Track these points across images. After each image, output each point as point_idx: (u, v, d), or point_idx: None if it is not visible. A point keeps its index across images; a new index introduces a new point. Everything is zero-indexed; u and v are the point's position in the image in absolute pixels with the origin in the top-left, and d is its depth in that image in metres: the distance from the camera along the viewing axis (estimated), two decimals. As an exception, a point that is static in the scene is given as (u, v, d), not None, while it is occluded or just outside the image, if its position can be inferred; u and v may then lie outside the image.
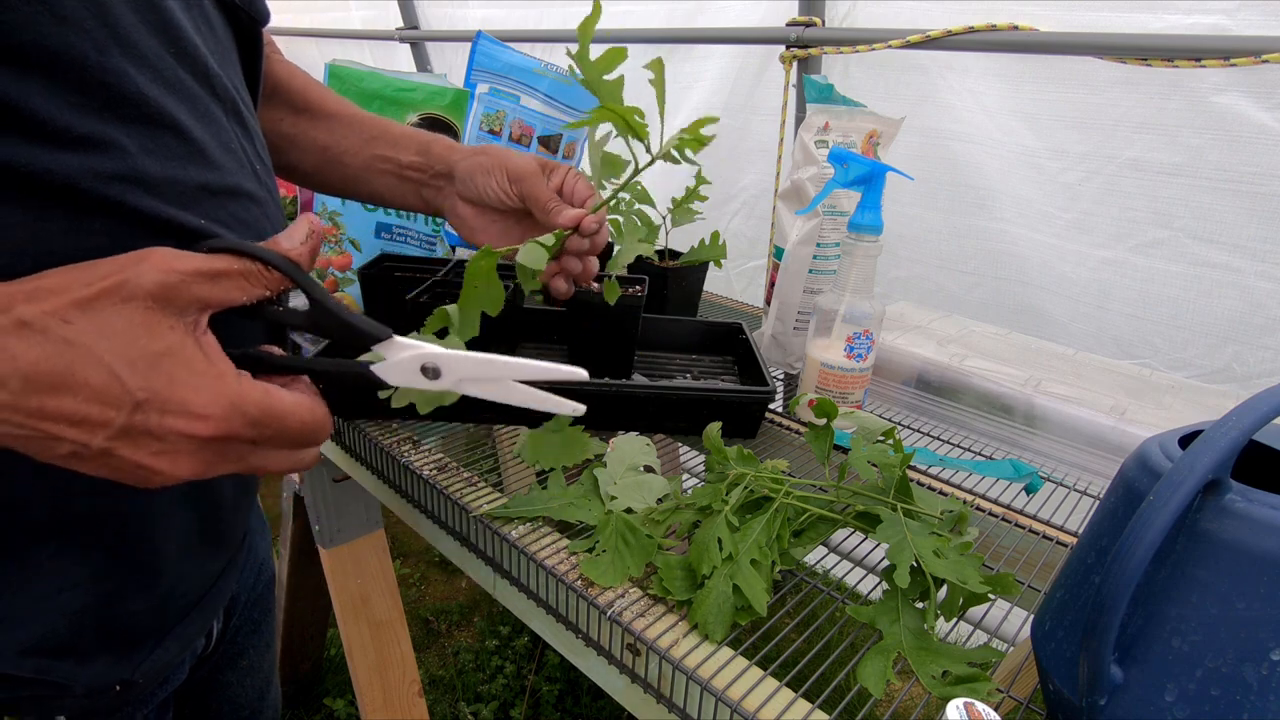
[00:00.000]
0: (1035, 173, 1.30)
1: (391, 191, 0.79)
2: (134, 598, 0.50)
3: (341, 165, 0.76)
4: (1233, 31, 1.03)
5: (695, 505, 0.71)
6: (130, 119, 0.42)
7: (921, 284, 1.55)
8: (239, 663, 0.74)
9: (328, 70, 1.11)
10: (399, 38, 2.58)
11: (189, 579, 0.55)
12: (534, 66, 1.30)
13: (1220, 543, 0.40)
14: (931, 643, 0.57)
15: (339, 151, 0.76)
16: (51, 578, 0.46)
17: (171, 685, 0.58)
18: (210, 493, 0.54)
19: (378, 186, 0.78)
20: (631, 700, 0.62)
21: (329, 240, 1.17)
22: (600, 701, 1.80)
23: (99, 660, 0.50)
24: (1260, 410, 0.40)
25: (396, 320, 0.62)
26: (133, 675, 0.52)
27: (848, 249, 0.91)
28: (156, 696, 0.57)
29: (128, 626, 0.51)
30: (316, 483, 1.31)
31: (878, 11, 1.39)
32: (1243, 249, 1.12)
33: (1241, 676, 0.39)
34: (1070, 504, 0.83)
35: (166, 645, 0.55)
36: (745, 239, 1.81)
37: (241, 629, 0.73)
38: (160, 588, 0.52)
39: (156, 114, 0.44)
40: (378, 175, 0.77)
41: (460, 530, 0.77)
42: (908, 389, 1.05)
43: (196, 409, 0.37)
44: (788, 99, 1.45)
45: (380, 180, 0.78)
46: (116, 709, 0.53)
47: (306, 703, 1.77)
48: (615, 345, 0.96)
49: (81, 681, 0.49)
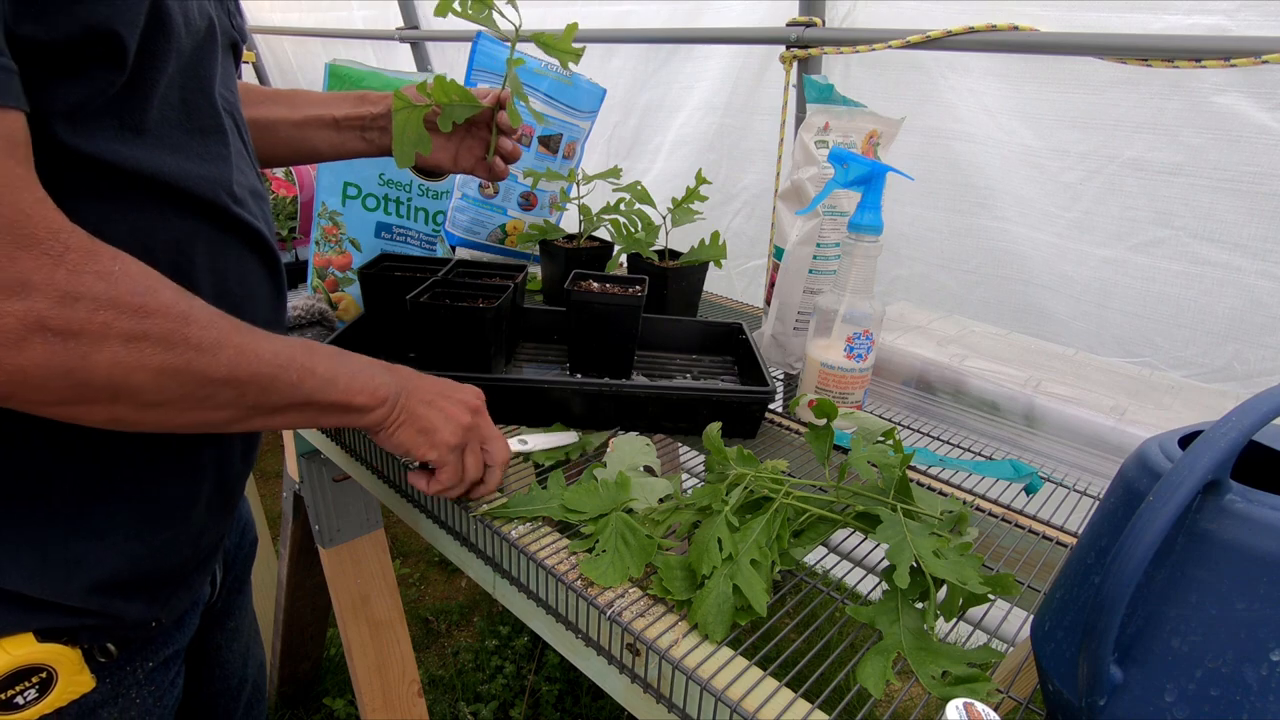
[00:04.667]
0: (1036, 172, 1.30)
1: (329, 143, 0.90)
2: (176, 549, 0.62)
3: (275, 132, 0.85)
4: (1233, 32, 1.03)
5: (695, 505, 0.71)
6: (209, 130, 0.56)
7: (923, 283, 1.55)
8: (226, 624, 0.83)
9: (328, 70, 1.11)
10: (399, 37, 2.58)
11: (208, 535, 0.67)
12: (534, 66, 1.30)
13: (1220, 543, 0.40)
14: (931, 643, 0.57)
15: (271, 121, 0.85)
16: (121, 528, 0.57)
17: (187, 633, 0.69)
18: (227, 469, 0.66)
19: (315, 142, 0.89)
20: (631, 700, 0.62)
21: (329, 240, 1.17)
22: (600, 701, 1.80)
23: (139, 599, 0.60)
24: (1260, 411, 0.40)
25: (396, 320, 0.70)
26: (161, 614, 0.63)
27: (848, 249, 0.91)
28: (176, 640, 0.67)
29: (165, 571, 0.62)
30: (316, 482, 1.32)
31: (878, 11, 1.39)
32: (1243, 248, 1.12)
33: (1241, 677, 0.39)
34: (1070, 504, 0.83)
35: (188, 588, 0.66)
36: (745, 239, 1.81)
37: (232, 587, 0.83)
38: (191, 541, 0.64)
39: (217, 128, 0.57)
40: (313, 131, 0.88)
41: (460, 530, 0.77)
42: (908, 389, 1.05)
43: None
44: (788, 99, 1.45)
45: (317, 134, 0.88)
46: (150, 640, 0.64)
47: (306, 702, 1.77)
48: (615, 345, 0.96)
49: (130, 616, 0.60)
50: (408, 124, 0.87)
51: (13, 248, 0.41)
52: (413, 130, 0.87)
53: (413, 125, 0.87)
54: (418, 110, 0.86)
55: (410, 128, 0.87)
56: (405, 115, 0.86)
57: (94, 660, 0.59)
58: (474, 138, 0.96)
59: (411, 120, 0.87)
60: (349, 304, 1.18)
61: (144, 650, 0.63)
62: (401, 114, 0.86)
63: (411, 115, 0.86)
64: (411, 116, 0.86)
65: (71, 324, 0.43)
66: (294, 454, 1.32)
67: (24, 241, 0.42)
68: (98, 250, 0.46)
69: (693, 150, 1.86)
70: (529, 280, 1.29)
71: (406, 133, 0.87)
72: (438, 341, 0.89)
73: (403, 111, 0.86)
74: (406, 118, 0.86)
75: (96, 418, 0.48)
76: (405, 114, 0.86)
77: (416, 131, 0.87)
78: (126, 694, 0.62)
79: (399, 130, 0.87)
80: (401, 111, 0.86)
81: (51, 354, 0.43)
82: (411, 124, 0.87)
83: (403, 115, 0.86)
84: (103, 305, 0.44)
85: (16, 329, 0.41)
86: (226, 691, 0.86)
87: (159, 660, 0.65)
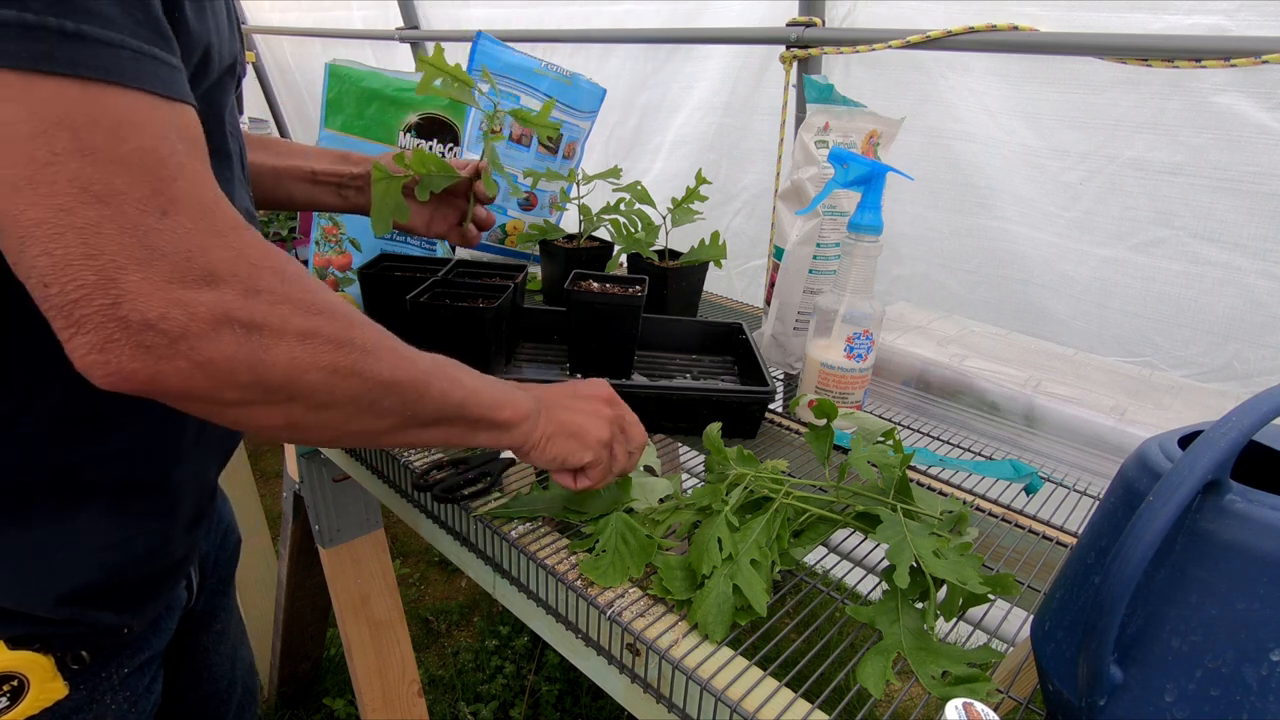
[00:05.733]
0: (1036, 172, 1.30)
1: (303, 195, 0.92)
2: (149, 559, 0.62)
3: (252, 175, 0.87)
4: (1233, 32, 1.03)
5: (695, 505, 0.71)
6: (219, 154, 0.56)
7: (923, 283, 1.55)
8: (212, 626, 0.83)
9: (327, 70, 1.11)
10: (399, 37, 2.58)
11: (182, 544, 0.66)
12: (534, 66, 1.30)
13: (1220, 543, 0.40)
14: (931, 643, 0.57)
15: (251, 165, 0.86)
16: (97, 536, 0.57)
17: (163, 638, 0.69)
18: (203, 479, 0.67)
19: (291, 191, 0.91)
20: (631, 700, 0.62)
21: (329, 240, 1.17)
22: (600, 701, 1.80)
23: (109, 609, 0.60)
24: (1260, 411, 0.40)
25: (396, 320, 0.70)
26: (131, 622, 0.63)
27: (848, 249, 0.91)
28: (151, 645, 0.67)
29: (136, 581, 0.62)
30: (316, 482, 1.32)
31: (878, 11, 1.39)
32: (1243, 248, 1.12)
33: (1241, 677, 0.39)
34: (1070, 504, 0.83)
35: (158, 597, 0.66)
36: (745, 239, 1.81)
37: (215, 590, 0.83)
38: (165, 550, 0.64)
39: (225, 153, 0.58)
40: (290, 181, 0.90)
41: (460, 530, 0.77)
42: (908, 389, 1.05)
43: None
44: (788, 99, 1.45)
45: (293, 185, 0.91)
46: (123, 646, 0.63)
47: (306, 702, 1.77)
48: (615, 345, 0.96)
49: (101, 623, 0.60)
50: (387, 194, 0.90)
51: (204, 237, 0.42)
52: (392, 200, 0.90)
53: (392, 195, 0.90)
54: (396, 181, 0.89)
55: (389, 198, 0.90)
56: (384, 186, 0.89)
57: (66, 667, 0.58)
58: (448, 205, 1.00)
59: (390, 190, 0.90)
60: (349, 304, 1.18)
61: (118, 656, 0.63)
62: (380, 184, 0.89)
63: (390, 185, 0.89)
64: (390, 187, 0.89)
65: (255, 316, 0.43)
66: (294, 454, 1.32)
67: (213, 233, 0.42)
68: (270, 248, 0.46)
69: (692, 150, 1.86)
70: (529, 280, 1.29)
71: (385, 202, 0.90)
72: (438, 341, 0.89)
73: (382, 182, 0.89)
74: (385, 188, 0.89)
75: (274, 420, 0.47)
76: (384, 184, 0.89)
77: (395, 201, 0.90)
78: (101, 700, 0.62)
79: (378, 200, 0.89)
80: (381, 182, 0.89)
81: (238, 345, 0.42)
82: (390, 194, 0.90)
83: (382, 186, 0.89)
84: (280, 299, 0.44)
85: (208, 318, 0.41)
86: (216, 694, 0.86)
87: (134, 666, 0.64)
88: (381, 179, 0.89)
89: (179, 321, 0.40)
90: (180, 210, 0.41)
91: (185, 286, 0.40)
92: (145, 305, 0.39)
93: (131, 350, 0.40)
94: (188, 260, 0.41)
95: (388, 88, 1.10)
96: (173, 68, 0.43)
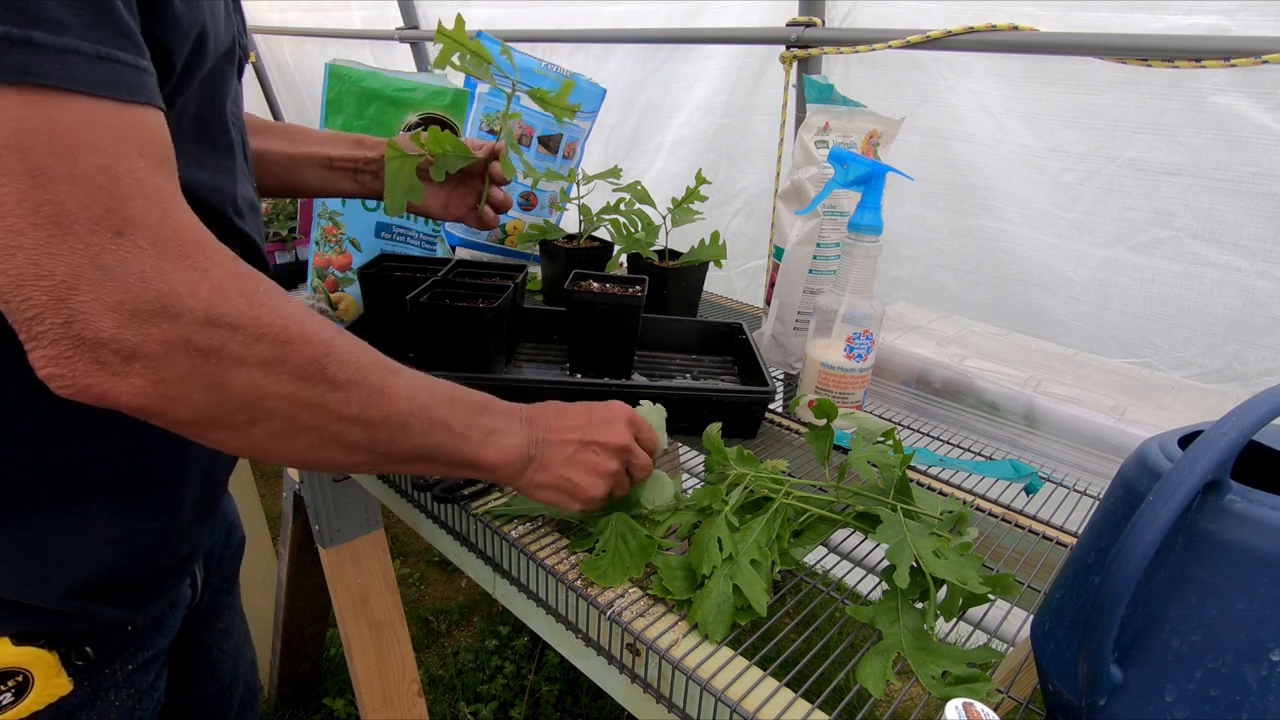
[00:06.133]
0: (1036, 172, 1.30)
1: (320, 181, 0.91)
2: (155, 554, 0.62)
3: (268, 164, 0.86)
4: (1233, 32, 1.03)
5: (695, 505, 0.71)
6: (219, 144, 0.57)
7: (923, 283, 1.55)
8: (215, 624, 0.83)
9: (327, 70, 1.11)
10: (399, 37, 2.57)
11: (187, 540, 0.67)
12: (534, 66, 1.30)
13: (1220, 543, 0.40)
14: (931, 643, 0.57)
15: (267, 153, 0.86)
16: (101, 531, 0.57)
17: (167, 635, 0.69)
18: (213, 475, 0.67)
19: (307, 178, 0.90)
20: (631, 700, 0.62)
21: (329, 240, 1.17)
22: (600, 701, 1.80)
23: (114, 604, 0.60)
24: (1260, 411, 0.40)
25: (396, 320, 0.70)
26: (136, 618, 0.63)
27: (848, 249, 0.91)
28: (156, 642, 0.67)
29: (141, 576, 0.62)
30: (316, 482, 1.31)
31: (878, 11, 1.39)
32: (1243, 248, 1.12)
33: (1241, 677, 0.39)
34: (1070, 504, 0.83)
35: (161, 593, 0.66)
36: (745, 239, 1.81)
37: (219, 588, 0.83)
38: (171, 546, 0.64)
39: (227, 143, 0.58)
40: (307, 168, 0.89)
41: (460, 530, 0.77)
42: (908, 389, 1.05)
43: None
44: (788, 99, 1.45)
45: (310, 172, 0.90)
46: (128, 643, 0.64)
47: (306, 702, 1.77)
48: (615, 345, 0.96)
49: (106, 619, 0.60)
50: (400, 173, 0.89)
51: (161, 260, 0.41)
52: (405, 179, 0.89)
53: (405, 174, 0.89)
54: (411, 160, 0.88)
55: (403, 176, 0.89)
56: (398, 164, 0.88)
57: (71, 663, 0.59)
58: (465, 187, 0.99)
59: (405, 169, 0.89)
60: (349, 304, 1.18)
61: (122, 653, 0.63)
62: (395, 163, 0.88)
63: (405, 164, 0.88)
64: (405, 166, 0.88)
65: (214, 340, 0.43)
66: (294, 454, 1.31)
67: (173, 255, 0.42)
68: (241, 269, 0.46)
69: (692, 150, 1.86)
70: (529, 280, 1.29)
71: (399, 181, 0.89)
72: (438, 341, 0.89)
73: (396, 160, 0.88)
74: (399, 166, 0.88)
75: (235, 442, 0.47)
76: (398, 163, 0.88)
77: (409, 180, 0.89)
78: (105, 696, 0.62)
79: (391, 179, 0.88)
80: (395, 160, 0.88)
81: (193, 368, 0.42)
82: (404, 173, 0.89)
83: (396, 164, 0.88)
84: (243, 324, 0.44)
85: (160, 340, 0.41)
86: (219, 692, 0.86)
87: (138, 663, 0.65)
88: (395, 157, 0.87)
89: (131, 342, 0.40)
90: (137, 230, 0.40)
91: (138, 307, 0.40)
92: (97, 326, 0.39)
93: (86, 365, 0.40)
94: (143, 281, 0.40)
95: (388, 88, 1.10)
96: (137, 69, 0.42)
